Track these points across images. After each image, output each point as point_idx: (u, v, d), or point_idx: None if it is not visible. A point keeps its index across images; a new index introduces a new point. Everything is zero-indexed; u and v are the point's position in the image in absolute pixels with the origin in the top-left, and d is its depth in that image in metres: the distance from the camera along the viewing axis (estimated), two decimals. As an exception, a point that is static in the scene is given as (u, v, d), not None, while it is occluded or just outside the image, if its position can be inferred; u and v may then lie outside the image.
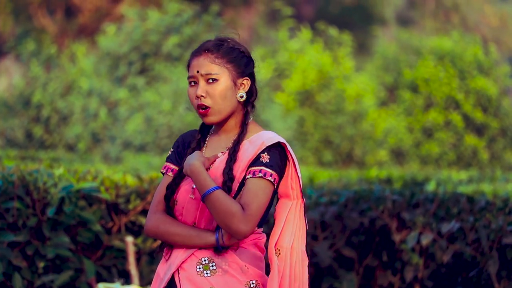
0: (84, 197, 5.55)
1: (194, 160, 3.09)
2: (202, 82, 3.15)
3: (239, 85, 3.18)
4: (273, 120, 17.68)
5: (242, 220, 3.02)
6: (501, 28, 36.19)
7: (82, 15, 28.24)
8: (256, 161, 3.10)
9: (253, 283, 3.14)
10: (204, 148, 3.23)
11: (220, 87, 3.14)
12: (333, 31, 22.67)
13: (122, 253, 5.65)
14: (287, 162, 3.17)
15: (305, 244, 3.22)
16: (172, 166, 3.24)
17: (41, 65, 20.68)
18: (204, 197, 3.03)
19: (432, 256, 5.81)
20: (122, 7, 22.87)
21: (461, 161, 22.75)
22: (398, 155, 22.70)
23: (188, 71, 3.20)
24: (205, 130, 3.27)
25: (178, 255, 3.14)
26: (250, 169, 3.10)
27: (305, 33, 22.25)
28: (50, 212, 5.25)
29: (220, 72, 3.15)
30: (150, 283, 5.73)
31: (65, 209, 5.34)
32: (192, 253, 3.12)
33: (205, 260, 3.12)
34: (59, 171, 5.54)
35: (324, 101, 20.92)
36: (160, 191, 3.22)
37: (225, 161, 3.14)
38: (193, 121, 17.16)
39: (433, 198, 6.04)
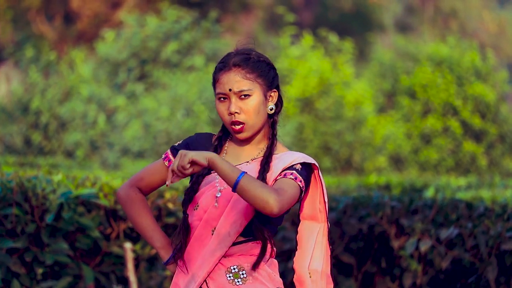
0: (83, 204, 5.55)
1: (208, 153, 2.98)
2: (234, 99, 3.13)
3: (268, 97, 3.19)
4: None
5: (277, 200, 2.96)
6: (500, 34, 36.24)
7: (80, 22, 28.25)
8: (289, 168, 3.11)
9: None
10: (223, 155, 3.21)
11: (253, 102, 3.13)
12: (333, 38, 22.69)
13: (120, 260, 5.64)
14: (315, 184, 3.20)
15: (329, 268, 3.24)
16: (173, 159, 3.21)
17: (40, 72, 20.70)
18: (238, 183, 2.92)
19: (430, 263, 5.81)
20: (121, 14, 22.89)
21: (459, 167, 22.75)
22: (397, 162, 22.70)
23: (216, 87, 3.16)
24: (223, 136, 3.25)
25: (201, 266, 3.12)
26: (282, 172, 3.10)
27: (307, 40, 22.27)
28: (48, 218, 5.25)
29: (252, 87, 3.13)
30: (148, 289, 5.73)
31: (63, 215, 5.34)
32: (219, 262, 3.12)
33: (234, 269, 3.12)
34: (57, 177, 5.54)
35: (323, 108, 20.93)
36: (148, 170, 3.24)
37: (256, 170, 3.13)
38: (191, 127, 17.15)
39: (431, 205, 6.04)
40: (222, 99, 3.15)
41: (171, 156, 3.23)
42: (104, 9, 28.22)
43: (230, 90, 3.12)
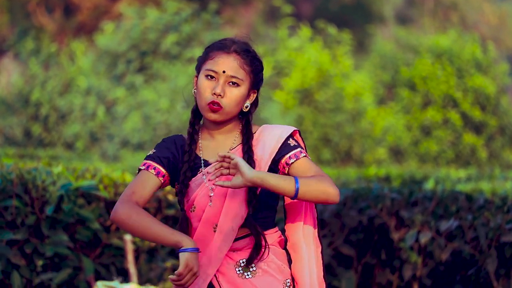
0: (83, 195, 5.55)
1: (250, 170, 3.00)
2: (222, 81, 3.13)
3: (249, 96, 3.21)
4: (271, 118, 17.70)
5: (332, 185, 3.07)
6: (500, 27, 36.20)
7: (80, 13, 28.23)
8: (286, 148, 3.14)
9: (288, 282, 3.16)
10: (200, 152, 3.20)
11: (239, 92, 3.14)
12: (332, 30, 22.67)
13: (120, 251, 5.65)
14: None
15: (317, 231, 3.27)
16: (158, 167, 3.15)
17: (40, 64, 20.68)
18: (298, 190, 3.00)
19: (430, 255, 5.82)
20: (121, 5, 22.86)
21: (459, 159, 22.76)
22: (397, 153, 22.71)
23: (208, 63, 3.16)
24: (193, 132, 3.23)
25: (209, 264, 3.10)
26: (290, 154, 3.12)
27: (305, 31, 22.24)
28: (48, 210, 5.25)
29: (244, 79, 3.15)
30: (148, 281, 5.73)
31: (63, 207, 5.34)
32: (228, 256, 3.12)
33: (243, 262, 3.12)
34: (57, 169, 5.54)
35: (323, 99, 20.91)
36: (137, 184, 3.11)
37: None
38: (192, 119, 17.10)
39: (431, 197, 6.04)
40: (209, 77, 3.14)
41: (154, 164, 3.15)
42: (103, 1, 28.19)
43: (224, 72, 3.12)
